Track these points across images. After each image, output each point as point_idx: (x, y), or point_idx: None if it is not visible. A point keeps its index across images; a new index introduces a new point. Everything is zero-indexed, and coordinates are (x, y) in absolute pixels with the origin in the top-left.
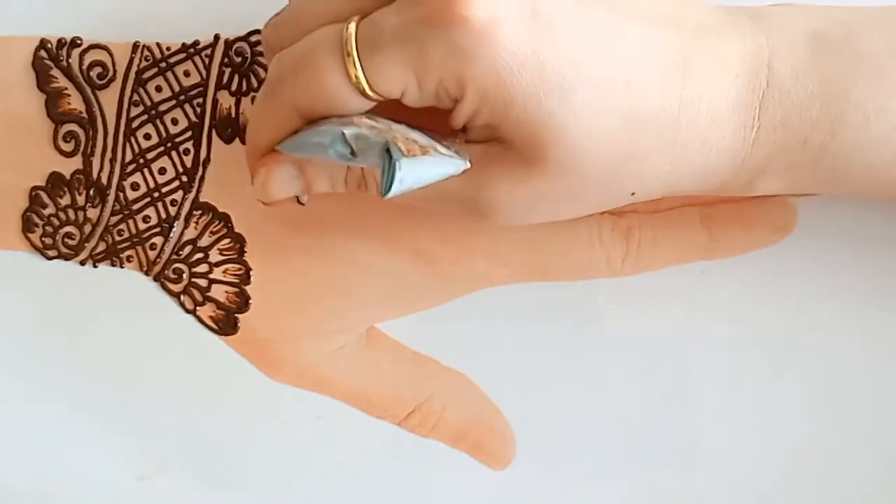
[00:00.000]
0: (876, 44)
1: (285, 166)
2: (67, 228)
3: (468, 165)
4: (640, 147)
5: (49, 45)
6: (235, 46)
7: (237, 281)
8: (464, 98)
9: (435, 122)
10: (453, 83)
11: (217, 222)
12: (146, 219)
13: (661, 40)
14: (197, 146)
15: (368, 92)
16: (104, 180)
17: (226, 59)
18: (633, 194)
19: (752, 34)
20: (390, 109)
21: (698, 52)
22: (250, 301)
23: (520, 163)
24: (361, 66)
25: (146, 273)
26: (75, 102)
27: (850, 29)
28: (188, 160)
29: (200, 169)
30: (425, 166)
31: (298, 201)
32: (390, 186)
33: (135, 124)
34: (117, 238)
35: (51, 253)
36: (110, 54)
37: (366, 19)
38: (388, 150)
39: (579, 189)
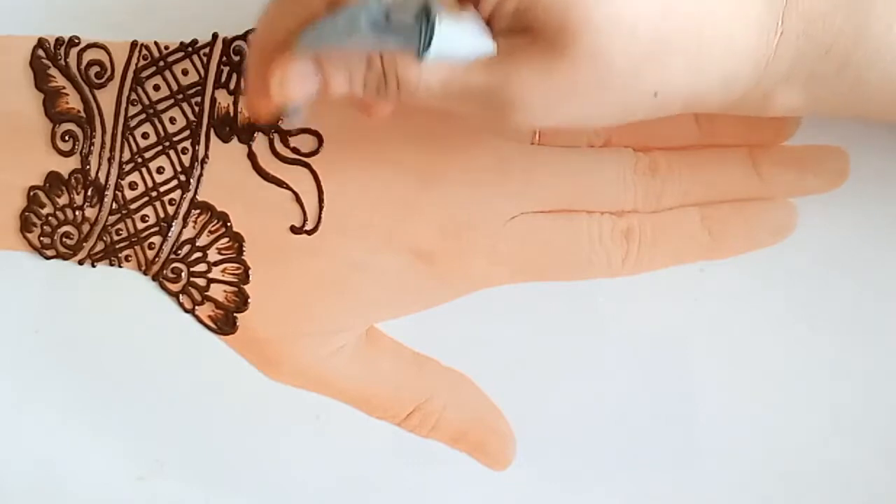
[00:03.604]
0: None
1: (302, 62)
2: (65, 228)
3: (494, 51)
4: (664, 44)
5: (47, 45)
6: (234, 45)
7: (236, 280)
8: None
9: None
10: None
11: (215, 221)
12: (144, 218)
13: None
14: (195, 145)
15: None
16: (102, 179)
17: (224, 58)
18: (655, 94)
19: None
20: None
21: None
22: (249, 300)
23: (545, 54)
24: None
25: (145, 272)
26: (73, 101)
27: None
28: (186, 159)
29: (199, 168)
30: (462, 32)
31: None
32: (429, 44)
33: (133, 123)
34: (115, 237)
35: (49, 252)
36: (108, 53)
37: None
38: (426, 9)
39: (601, 86)
